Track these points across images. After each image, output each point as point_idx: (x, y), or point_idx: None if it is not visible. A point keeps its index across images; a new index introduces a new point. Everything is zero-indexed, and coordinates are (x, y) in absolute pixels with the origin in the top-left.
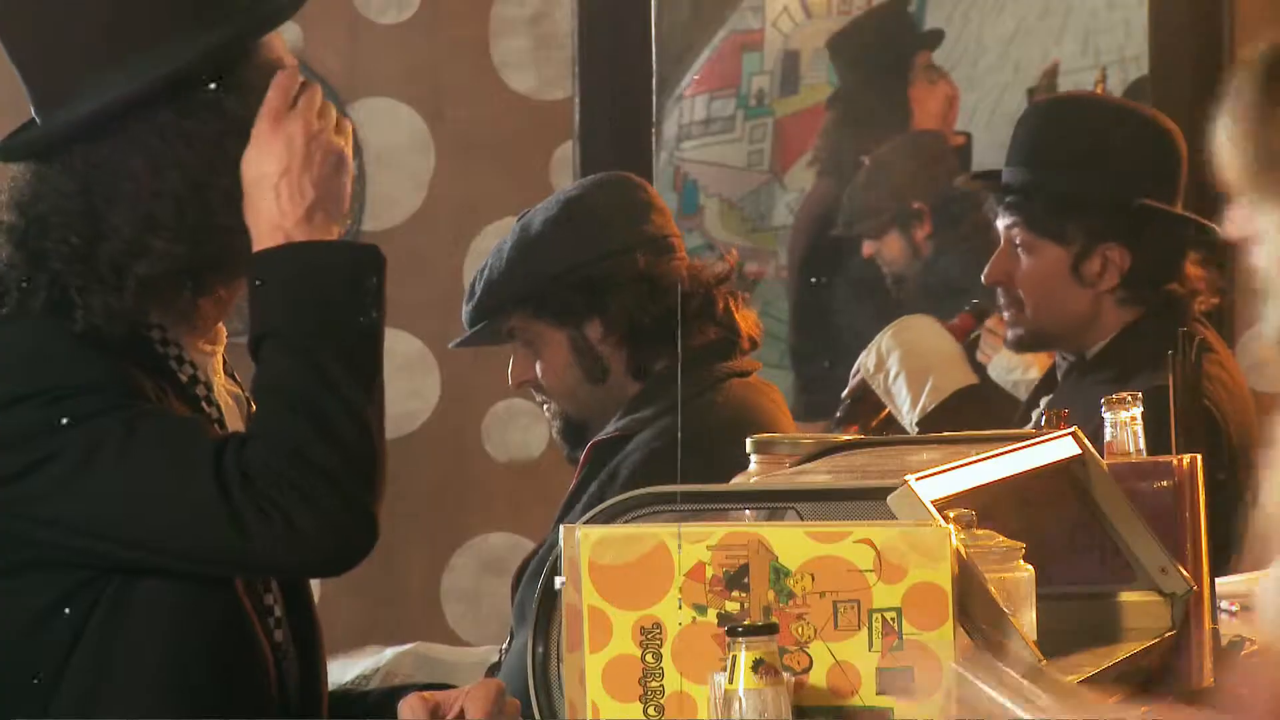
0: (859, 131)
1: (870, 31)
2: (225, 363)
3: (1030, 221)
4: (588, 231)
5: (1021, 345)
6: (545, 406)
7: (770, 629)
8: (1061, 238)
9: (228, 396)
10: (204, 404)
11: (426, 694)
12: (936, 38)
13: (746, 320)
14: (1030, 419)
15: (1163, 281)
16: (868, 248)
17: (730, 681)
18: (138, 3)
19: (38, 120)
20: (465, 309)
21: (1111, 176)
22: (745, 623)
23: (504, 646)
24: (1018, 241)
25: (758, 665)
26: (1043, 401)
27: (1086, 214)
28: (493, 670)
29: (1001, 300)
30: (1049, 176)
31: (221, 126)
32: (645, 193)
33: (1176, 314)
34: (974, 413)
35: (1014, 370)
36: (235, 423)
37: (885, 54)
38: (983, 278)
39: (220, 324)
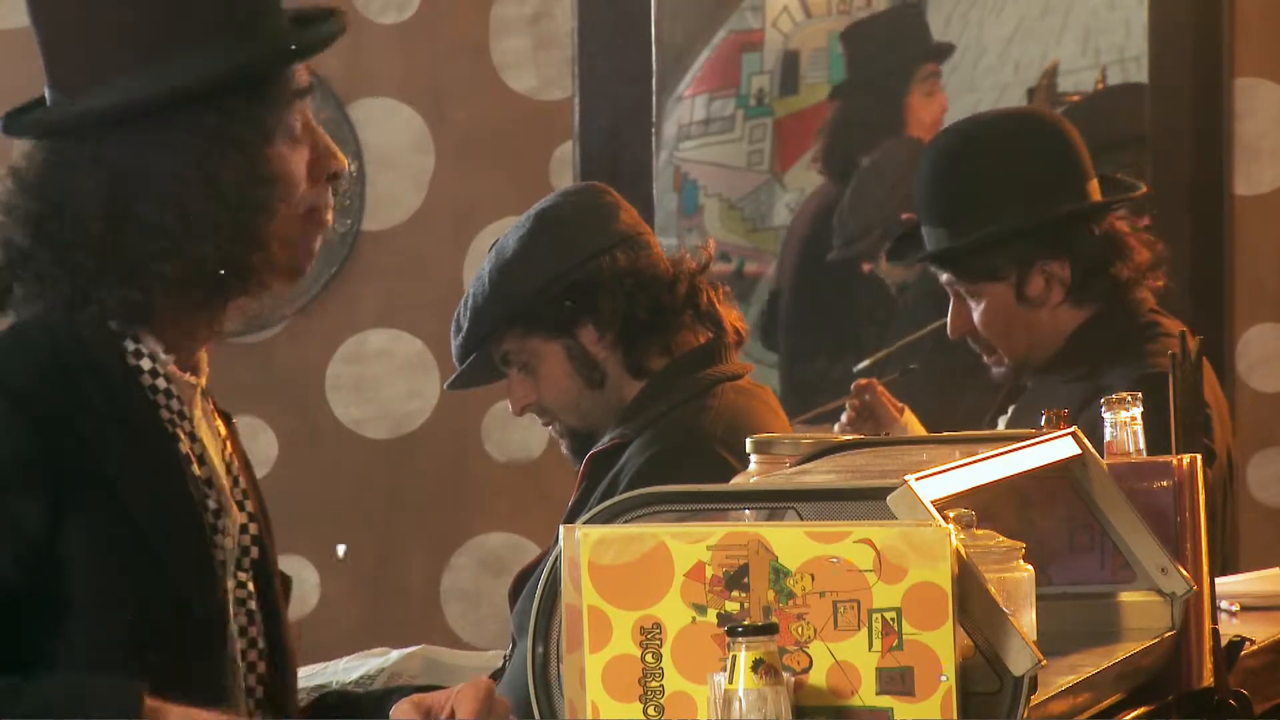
0: (856, 132)
1: (883, 30)
2: (206, 392)
3: (961, 272)
4: (564, 239)
5: (1010, 378)
6: (551, 427)
7: (770, 629)
8: (995, 275)
9: (207, 430)
10: (184, 440)
11: (418, 697)
12: (946, 50)
13: (730, 314)
14: (998, 424)
15: (1109, 271)
16: (866, 265)
17: (730, 681)
18: (177, 6)
19: (49, 100)
20: (454, 344)
21: (1016, 198)
22: (745, 623)
23: (507, 653)
24: (962, 293)
25: (758, 665)
26: (1010, 409)
27: (1007, 244)
28: (496, 677)
29: (975, 348)
30: (957, 226)
31: (259, 139)
32: (610, 195)
33: (1127, 300)
34: None
35: None
36: (215, 456)
37: (892, 57)
38: (951, 338)
39: (203, 354)
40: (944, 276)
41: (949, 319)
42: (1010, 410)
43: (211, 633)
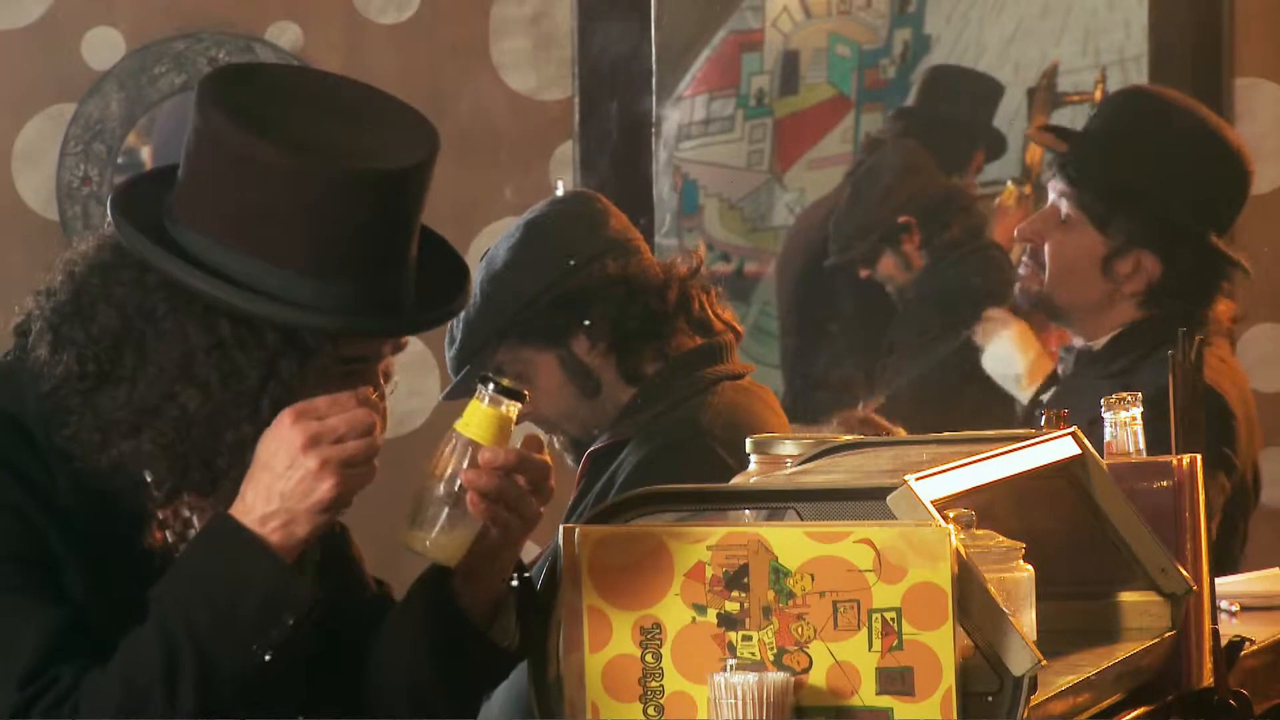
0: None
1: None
2: None
3: (1081, 199)
4: (553, 248)
5: (1029, 305)
6: (549, 438)
7: (517, 394)
8: (1105, 227)
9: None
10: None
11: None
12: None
13: (725, 314)
14: (1035, 419)
15: (1186, 299)
16: (864, 271)
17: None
18: (321, 224)
19: (168, 220)
20: (448, 356)
21: (1174, 194)
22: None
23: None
24: (1063, 211)
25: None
26: (1044, 398)
27: (1135, 215)
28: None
29: (1024, 257)
30: (1117, 170)
31: (297, 373)
32: (599, 202)
33: (1189, 320)
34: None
35: (1013, 364)
36: None
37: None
38: (1016, 232)
39: None
40: (1058, 185)
41: (1030, 219)
42: (1045, 399)
43: None
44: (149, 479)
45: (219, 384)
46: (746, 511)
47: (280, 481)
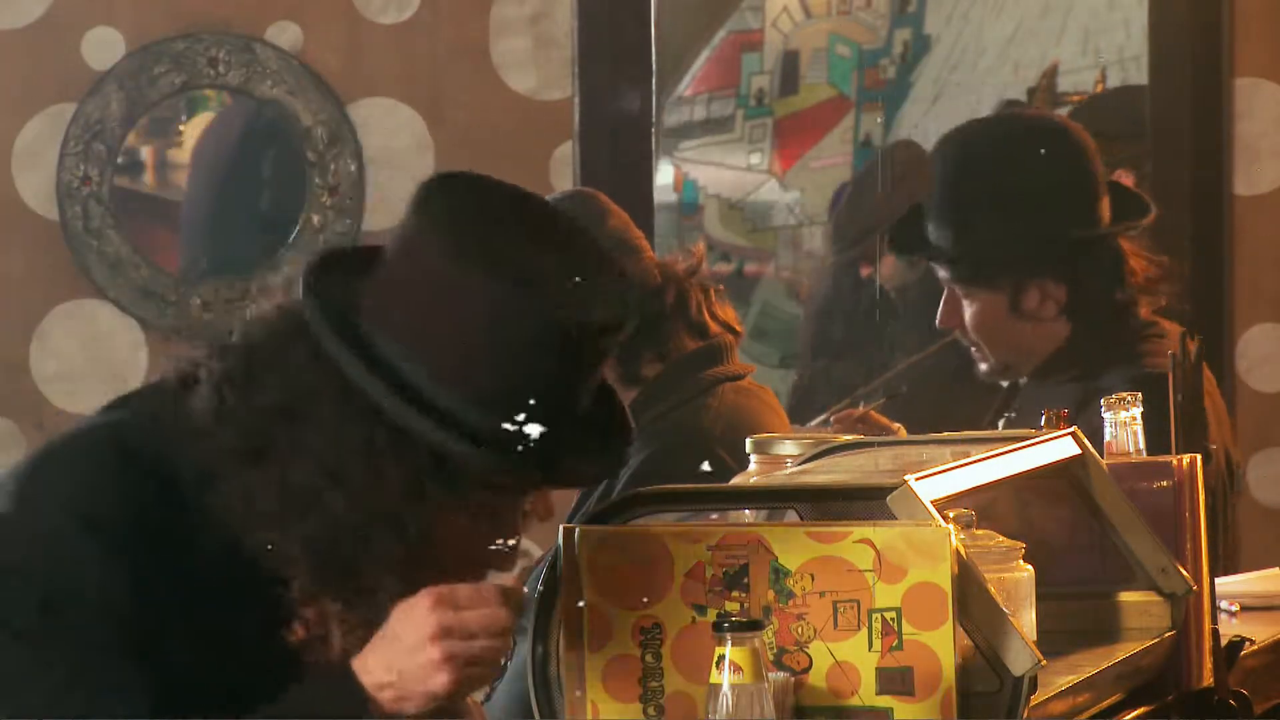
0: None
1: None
2: None
3: (959, 274)
4: None
5: (994, 376)
6: None
7: (755, 625)
8: (992, 284)
9: None
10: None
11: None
12: None
13: (726, 313)
14: (997, 428)
15: (1107, 294)
16: (865, 268)
17: (715, 677)
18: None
19: (357, 310)
20: None
21: (1024, 213)
22: (733, 619)
23: (508, 653)
24: (957, 292)
25: (742, 660)
26: (1005, 415)
27: (1010, 258)
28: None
29: (963, 341)
30: (966, 229)
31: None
32: (598, 201)
33: (1125, 312)
34: None
35: None
36: None
37: None
38: (936, 323)
39: None
40: (941, 273)
41: (940, 309)
42: (1005, 417)
43: None
44: (288, 578)
45: (363, 490)
46: (746, 511)
47: (403, 659)
